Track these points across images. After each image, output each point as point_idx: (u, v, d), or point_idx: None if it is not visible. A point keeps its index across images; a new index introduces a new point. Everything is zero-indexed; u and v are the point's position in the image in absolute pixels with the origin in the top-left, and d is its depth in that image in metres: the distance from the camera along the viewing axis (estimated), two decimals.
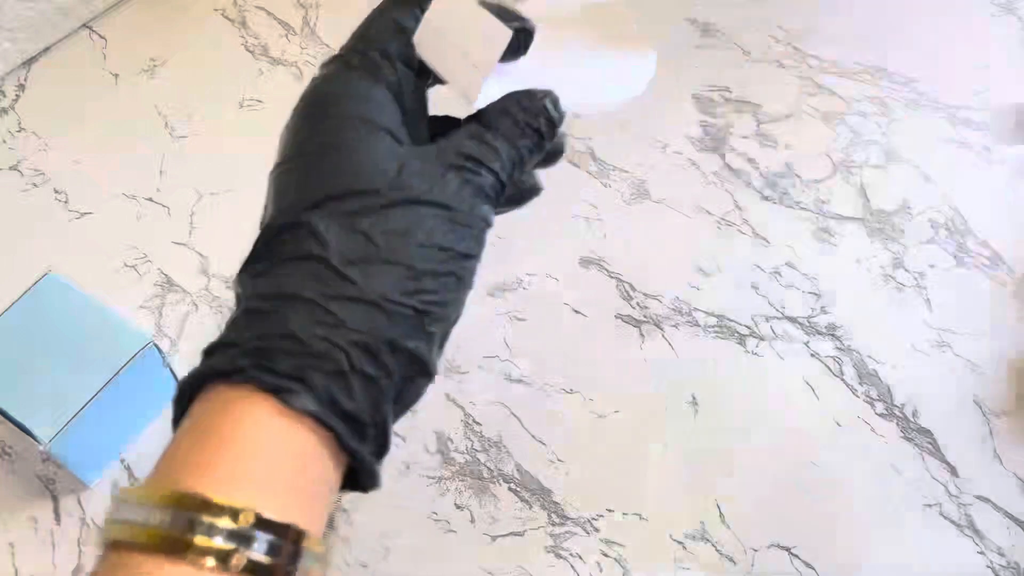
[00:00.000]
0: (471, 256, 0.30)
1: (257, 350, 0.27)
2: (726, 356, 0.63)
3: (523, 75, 0.32)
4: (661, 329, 0.64)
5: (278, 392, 0.26)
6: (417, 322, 0.29)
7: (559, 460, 0.59)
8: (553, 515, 0.57)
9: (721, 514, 0.57)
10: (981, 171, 0.73)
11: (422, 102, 0.34)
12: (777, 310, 0.65)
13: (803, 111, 0.76)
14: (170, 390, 0.58)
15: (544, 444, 0.59)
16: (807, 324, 0.65)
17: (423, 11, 0.32)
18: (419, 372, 0.29)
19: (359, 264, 0.28)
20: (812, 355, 0.63)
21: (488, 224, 0.31)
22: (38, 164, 0.70)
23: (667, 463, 0.59)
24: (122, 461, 0.57)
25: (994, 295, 0.67)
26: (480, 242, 0.31)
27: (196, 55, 0.76)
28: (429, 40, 0.32)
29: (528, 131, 0.32)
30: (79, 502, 0.56)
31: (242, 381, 0.27)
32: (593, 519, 0.57)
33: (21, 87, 0.74)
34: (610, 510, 0.57)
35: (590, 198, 0.70)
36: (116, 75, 0.75)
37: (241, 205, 0.68)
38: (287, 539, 0.25)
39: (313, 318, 0.27)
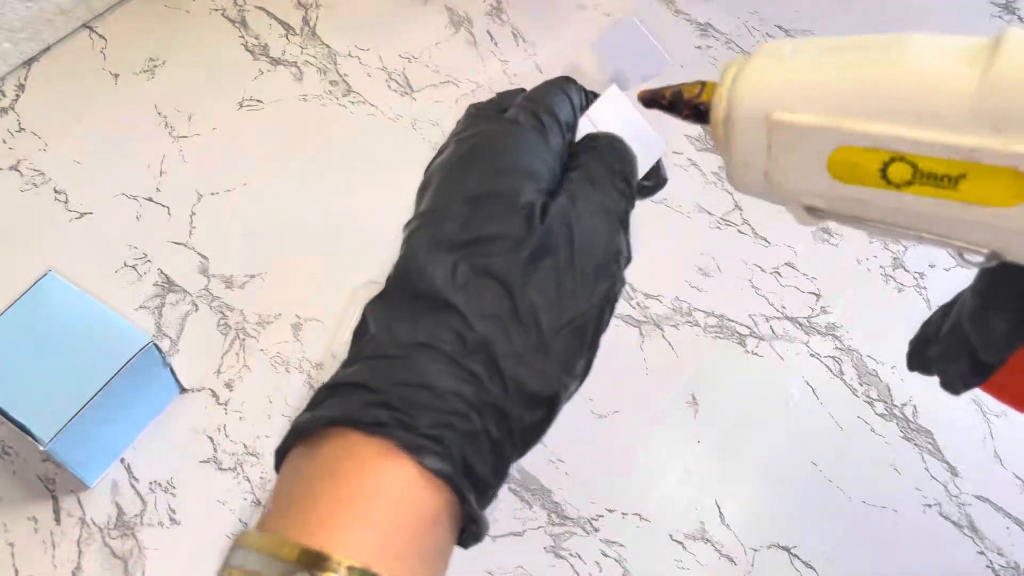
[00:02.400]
0: (610, 300, 0.30)
1: (394, 401, 0.26)
2: (726, 356, 0.63)
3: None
4: (661, 329, 0.64)
5: (416, 451, 0.26)
6: (553, 374, 0.28)
7: (559, 460, 0.59)
8: (553, 515, 0.57)
9: (721, 514, 0.57)
10: None
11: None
12: (777, 310, 0.65)
13: None
14: (170, 390, 0.59)
15: (544, 444, 0.59)
16: (807, 324, 0.65)
17: (589, 101, 0.34)
18: (549, 414, 0.29)
19: (494, 319, 0.28)
20: (812, 355, 0.63)
21: (618, 257, 0.30)
22: (38, 164, 0.70)
23: (667, 463, 0.59)
24: (122, 461, 0.57)
25: None
26: (618, 281, 0.30)
27: (196, 55, 0.76)
28: (587, 131, 0.33)
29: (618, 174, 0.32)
30: (79, 502, 0.56)
31: (380, 435, 0.26)
32: (593, 519, 0.57)
33: (21, 87, 0.74)
34: (610, 510, 0.57)
35: None
36: (116, 75, 0.75)
37: (241, 205, 0.68)
38: None
39: (450, 372, 0.27)
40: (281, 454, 0.28)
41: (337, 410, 0.27)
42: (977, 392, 0.64)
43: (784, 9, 0.82)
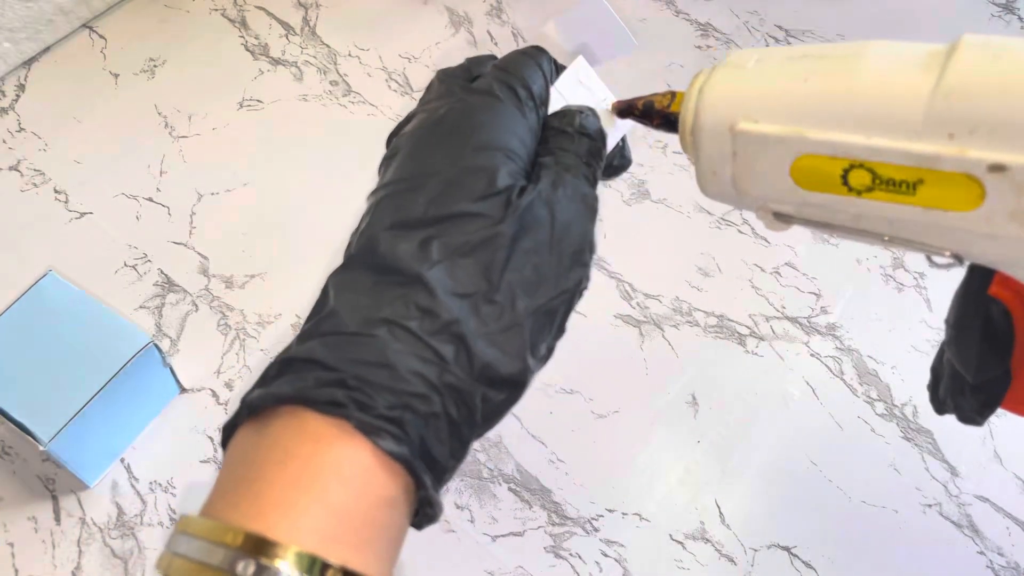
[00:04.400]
0: (580, 289, 0.30)
1: (350, 380, 0.25)
2: (726, 356, 0.63)
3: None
4: (661, 329, 0.64)
5: (373, 433, 0.25)
6: (519, 352, 0.27)
7: (559, 460, 0.59)
8: (553, 515, 0.57)
9: (721, 514, 0.57)
10: None
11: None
12: (777, 310, 0.65)
13: None
14: (170, 390, 0.59)
15: (544, 444, 0.59)
16: (807, 324, 0.65)
17: (557, 72, 0.34)
18: (514, 395, 0.28)
19: (467, 298, 0.27)
20: (812, 355, 0.63)
21: (591, 246, 0.30)
22: (38, 164, 0.70)
23: (667, 463, 0.59)
24: (122, 461, 0.57)
25: None
26: (588, 270, 0.30)
27: (196, 55, 0.76)
28: (556, 103, 0.33)
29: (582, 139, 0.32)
30: (79, 502, 0.56)
31: (336, 415, 0.25)
32: (593, 519, 0.57)
33: (21, 87, 0.74)
34: (610, 510, 0.57)
35: None
36: (116, 75, 0.75)
37: (241, 205, 0.68)
38: None
39: (412, 351, 0.26)
40: (229, 431, 0.27)
41: (289, 387, 0.25)
42: None
43: (784, 9, 0.82)
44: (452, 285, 0.27)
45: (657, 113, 0.33)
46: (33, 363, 0.52)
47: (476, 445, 0.58)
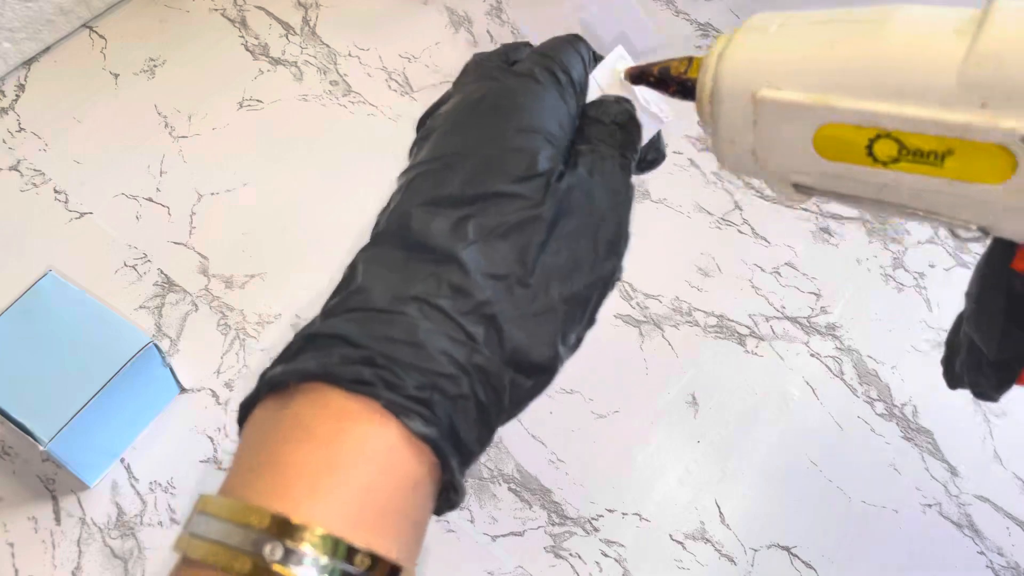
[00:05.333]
0: (613, 279, 0.29)
1: (378, 358, 0.24)
2: (726, 356, 0.63)
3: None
4: (661, 329, 0.64)
5: (402, 413, 0.24)
6: (551, 338, 0.27)
7: (559, 460, 0.59)
8: (553, 515, 0.57)
9: (721, 514, 0.57)
10: None
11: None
12: (777, 310, 0.65)
13: None
14: (170, 390, 0.59)
15: (544, 444, 0.59)
16: (807, 324, 0.65)
17: (596, 60, 0.33)
18: (542, 382, 0.28)
19: (501, 280, 0.26)
20: (812, 355, 0.63)
21: (626, 236, 0.30)
22: (38, 164, 0.70)
23: (667, 463, 0.59)
24: (122, 461, 0.57)
25: None
26: (621, 261, 0.29)
27: (196, 55, 0.76)
28: (593, 93, 0.32)
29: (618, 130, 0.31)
30: (79, 502, 0.56)
31: (363, 393, 0.24)
32: (593, 519, 0.57)
33: (21, 87, 0.74)
34: (610, 510, 0.57)
35: None
36: (116, 75, 0.75)
37: (241, 205, 0.68)
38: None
39: (442, 331, 0.25)
40: (247, 408, 0.26)
41: (314, 363, 0.25)
42: None
43: (784, 9, 0.82)
44: (486, 265, 0.26)
45: (673, 80, 0.31)
46: (33, 363, 0.52)
47: None
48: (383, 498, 0.24)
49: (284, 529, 0.22)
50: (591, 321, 0.29)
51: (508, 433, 0.59)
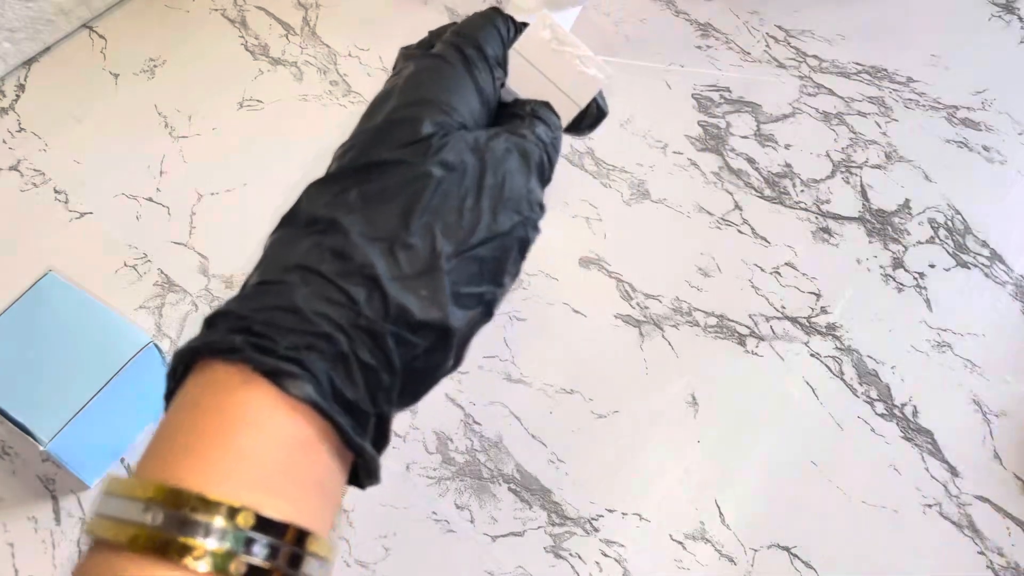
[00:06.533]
0: (518, 241, 0.29)
1: (256, 325, 0.25)
2: (726, 356, 0.63)
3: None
4: (661, 329, 0.64)
5: (275, 376, 0.24)
6: (441, 300, 0.27)
7: (559, 460, 0.59)
8: (553, 515, 0.57)
9: (721, 514, 0.57)
10: (981, 170, 0.73)
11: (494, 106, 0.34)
12: (777, 310, 0.65)
13: (803, 111, 0.76)
14: None
15: (544, 444, 0.59)
16: (807, 324, 0.65)
17: (518, 32, 0.33)
18: (440, 345, 0.27)
19: (381, 241, 0.26)
20: (812, 355, 0.63)
21: (529, 199, 0.29)
22: (38, 164, 0.70)
23: (667, 463, 0.59)
24: (122, 461, 0.57)
25: (994, 295, 0.67)
26: (528, 224, 0.29)
27: (196, 55, 0.76)
28: (518, 66, 0.33)
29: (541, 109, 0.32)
30: (79, 502, 0.56)
31: (238, 360, 0.24)
32: (593, 519, 0.57)
33: (21, 87, 0.74)
34: (610, 510, 0.57)
35: (590, 198, 0.70)
36: (116, 75, 0.75)
37: (241, 205, 0.68)
38: (289, 541, 0.23)
39: (321, 294, 0.25)
40: (168, 400, 0.27)
41: (199, 341, 0.26)
42: (977, 392, 0.64)
43: (784, 9, 0.82)
44: (367, 229, 0.27)
45: None
46: (33, 363, 0.52)
47: (476, 445, 0.59)
48: (269, 460, 0.24)
49: (170, 498, 0.22)
50: (496, 282, 0.29)
51: (508, 433, 0.59)
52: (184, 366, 0.26)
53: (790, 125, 0.75)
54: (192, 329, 0.62)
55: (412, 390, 0.28)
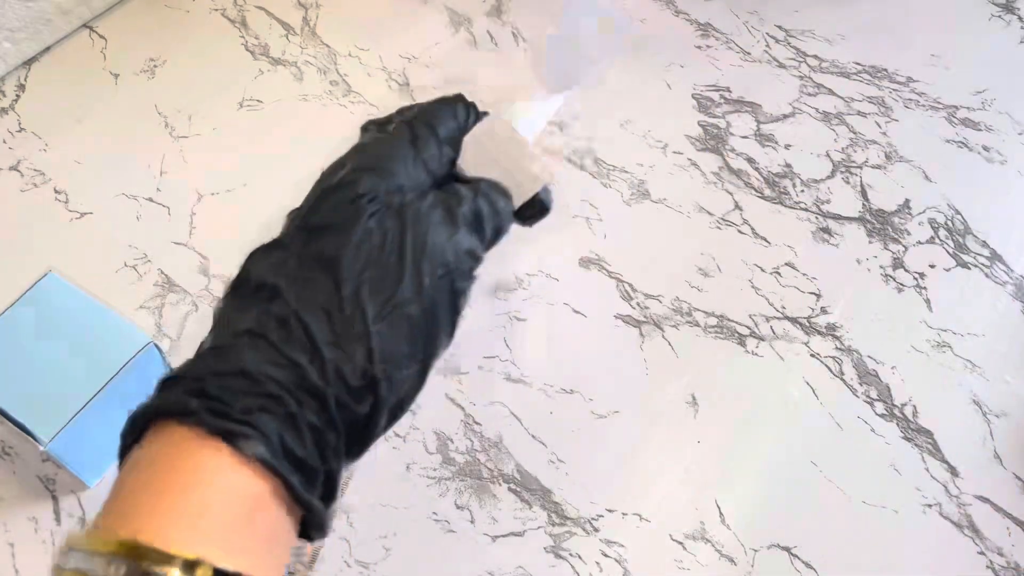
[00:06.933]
0: (450, 296, 0.30)
1: (210, 389, 0.27)
2: (726, 356, 0.63)
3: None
4: (661, 329, 0.64)
5: (229, 436, 0.26)
6: (364, 359, 0.28)
7: (559, 460, 0.59)
8: (553, 515, 0.57)
9: (721, 514, 0.57)
10: (981, 170, 0.73)
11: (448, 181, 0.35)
12: (777, 310, 0.65)
13: (803, 111, 0.76)
14: None
15: (544, 444, 0.59)
16: (807, 324, 0.65)
17: (479, 119, 0.35)
18: (376, 405, 0.29)
19: (318, 307, 0.28)
20: (812, 355, 0.63)
21: (463, 252, 0.31)
22: (38, 164, 0.70)
23: (667, 463, 0.59)
24: None
25: (994, 295, 0.67)
26: (458, 277, 0.30)
27: (196, 55, 0.76)
28: (472, 150, 0.34)
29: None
30: (79, 502, 0.56)
31: (194, 423, 0.26)
32: (593, 519, 0.57)
33: (21, 87, 0.74)
34: (610, 510, 0.57)
35: (590, 198, 0.70)
36: (116, 75, 0.75)
37: (241, 205, 0.68)
38: None
39: (269, 359, 0.27)
40: (121, 457, 0.29)
41: (155, 403, 0.28)
42: (977, 392, 0.64)
43: (784, 9, 0.82)
44: (305, 295, 0.28)
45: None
46: (33, 363, 0.52)
47: (476, 445, 0.59)
48: (223, 516, 0.25)
49: (129, 551, 0.24)
50: (430, 339, 0.30)
51: (508, 433, 0.59)
52: (142, 426, 0.28)
53: (790, 125, 0.75)
54: (192, 329, 0.62)
55: (356, 449, 0.30)
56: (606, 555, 0.56)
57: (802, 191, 0.71)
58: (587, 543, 0.56)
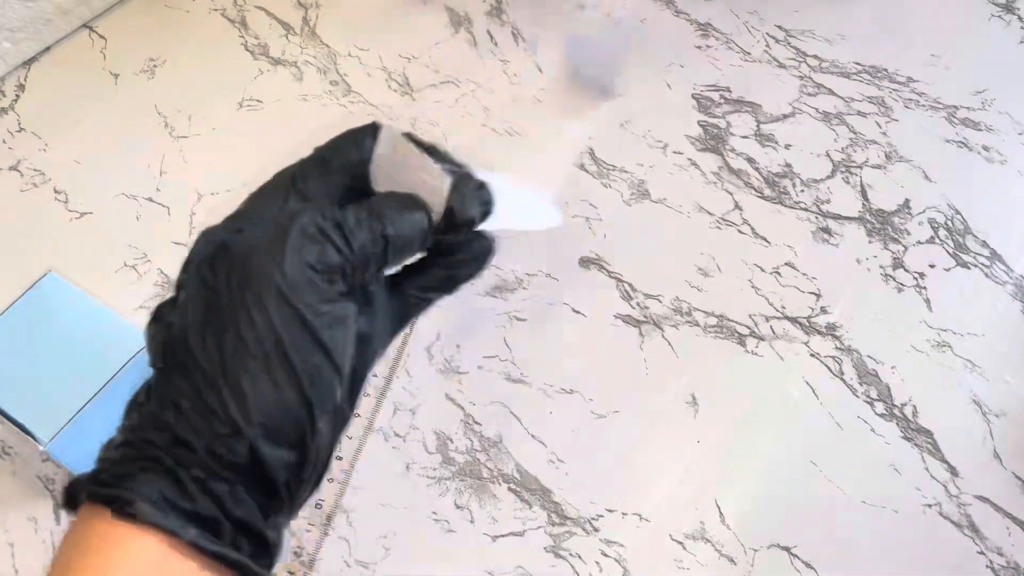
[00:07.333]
0: (290, 328, 0.29)
1: (99, 464, 0.28)
2: (726, 356, 0.63)
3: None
4: (661, 329, 0.64)
5: (113, 503, 0.26)
6: (230, 426, 0.28)
7: (559, 460, 0.59)
8: (553, 515, 0.57)
9: (721, 514, 0.57)
10: (981, 170, 0.73)
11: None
12: (777, 310, 0.65)
13: (803, 111, 0.76)
14: None
15: (544, 444, 0.59)
16: (807, 324, 0.65)
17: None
18: (253, 459, 0.28)
19: (183, 370, 0.29)
20: (812, 355, 0.63)
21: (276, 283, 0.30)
22: (38, 164, 0.70)
23: (667, 463, 0.59)
24: None
25: (994, 295, 0.67)
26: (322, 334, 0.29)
27: (196, 55, 0.76)
28: (381, 171, 0.35)
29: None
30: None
31: (86, 498, 0.27)
32: (593, 519, 0.57)
33: (21, 87, 0.74)
34: (610, 510, 0.57)
35: (590, 198, 0.70)
36: (116, 75, 0.75)
37: None
38: None
39: (148, 424, 0.29)
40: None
41: (83, 487, 0.28)
42: (977, 392, 0.64)
43: (784, 9, 0.82)
44: (174, 358, 0.30)
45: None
46: (33, 363, 0.52)
47: (476, 445, 0.59)
48: None
49: None
50: (306, 401, 0.29)
51: (508, 433, 0.59)
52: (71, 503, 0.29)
53: (790, 125, 0.75)
54: None
55: (270, 493, 0.29)
56: (606, 555, 0.56)
57: (802, 191, 0.71)
58: (587, 543, 0.56)
